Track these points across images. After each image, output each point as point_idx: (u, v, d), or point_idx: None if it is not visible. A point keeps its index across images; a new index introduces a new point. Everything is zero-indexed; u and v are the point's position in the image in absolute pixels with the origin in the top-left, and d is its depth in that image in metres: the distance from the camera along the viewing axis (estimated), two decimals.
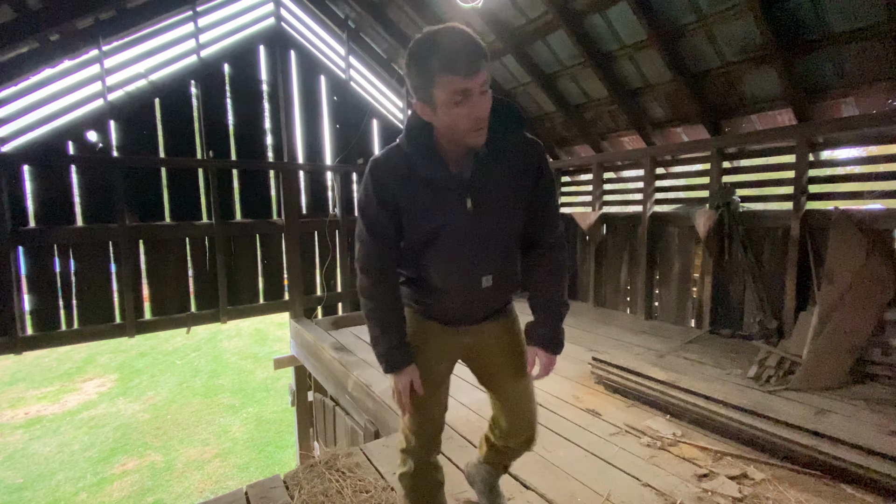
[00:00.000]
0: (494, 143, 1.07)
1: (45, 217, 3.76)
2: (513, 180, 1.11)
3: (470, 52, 0.90)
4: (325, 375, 3.80)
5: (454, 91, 0.91)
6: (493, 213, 1.11)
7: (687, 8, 3.06)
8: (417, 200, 1.10)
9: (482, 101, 0.95)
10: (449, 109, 0.95)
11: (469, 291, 1.18)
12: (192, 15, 4.30)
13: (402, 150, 1.08)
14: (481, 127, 0.97)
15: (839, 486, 1.81)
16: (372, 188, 1.10)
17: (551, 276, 1.24)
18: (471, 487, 1.70)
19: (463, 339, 1.27)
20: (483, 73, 0.92)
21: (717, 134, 3.64)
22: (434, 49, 0.90)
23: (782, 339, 3.20)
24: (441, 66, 0.90)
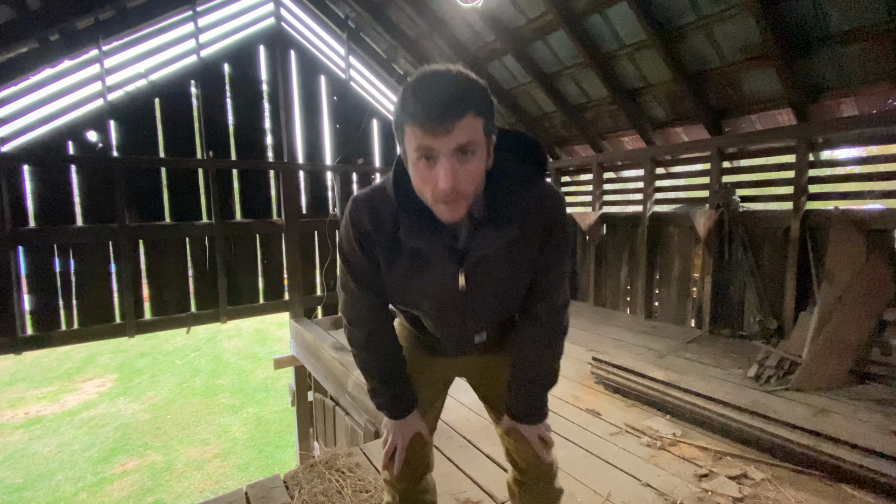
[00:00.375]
0: (498, 203, 0.86)
1: (45, 217, 3.76)
2: (519, 252, 0.92)
3: (442, 103, 0.70)
4: (325, 375, 3.80)
5: (414, 147, 0.74)
6: (490, 291, 0.95)
7: (687, 8, 3.05)
8: (399, 264, 0.93)
9: (452, 169, 0.72)
10: (412, 167, 0.78)
11: (460, 344, 1.09)
12: (192, 15, 4.30)
13: (388, 194, 0.89)
14: (448, 201, 0.76)
15: (839, 486, 1.81)
16: (352, 233, 0.94)
17: (538, 352, 1.05)
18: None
19: (456, 364, 1.19)
20: (459, 133, 0.71)
21: (717, 134, 3.64)
22: (411, 89, 0.73)
23: (782, 339, 3.20)
24: (406, 111, 0.73)
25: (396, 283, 0.96)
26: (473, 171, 0.76)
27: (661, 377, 2.69)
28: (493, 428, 2.28)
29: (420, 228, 0.86)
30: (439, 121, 0.70)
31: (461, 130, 0.71)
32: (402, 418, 1.09)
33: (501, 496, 1.79)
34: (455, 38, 4.59)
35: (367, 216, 0.91)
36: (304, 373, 5.06)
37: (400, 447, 1.09)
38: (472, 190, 0.78)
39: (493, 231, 0.86)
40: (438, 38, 4.64)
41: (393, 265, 0.94)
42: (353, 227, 0.94)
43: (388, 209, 0.89)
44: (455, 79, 0.73)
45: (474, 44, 4.55)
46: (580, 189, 5.31)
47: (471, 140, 0.73)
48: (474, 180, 0.77)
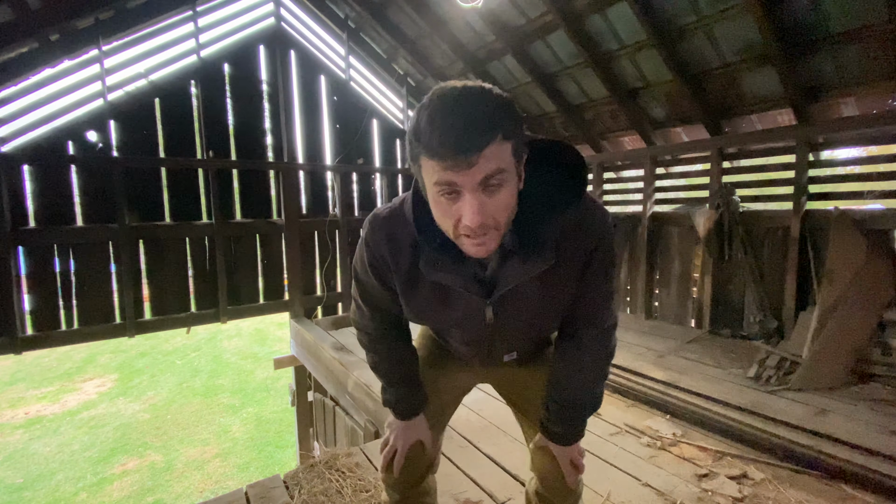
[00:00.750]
0: (529, 229, 0.76)
1: (45, 217, 3.76)
2: (556, 280, 0.82)
3: (464, 131, 0.60)
4: (325, 375, 3.80)
5: (434, 181, 0.65)
6: (522, 320, 0.89)
7: (687, 8, 3.05)
8: (419, 295, 0.86)
9: (478, 204, 0.64)
10: (432, 202, 0.70)
11: (486, 361, 1.04)
12: (192, 15, 4.30)
13: (407, 219, 0.80)
14: (475, 237, 0.67)
15: (839, 486, 1.81)
16: (366, 257, 0.88)
17: (581, 376, 0.96)
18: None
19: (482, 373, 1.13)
20: (484, 164, 0.62)
21: (717, 134, 3.64)
22: (426, 115, 0.63)
23: (782, 339, 3.20)
24: (421, 142, 0.63)
25: (416, 311, 0.90)
26: (504, 203, 0.67)
27: (661, 377, 2.69)
28: (492, 428, 2.29)
29: (442, 261, 0.78)
30: (461, 153, 0.60)
31: (487, 160, 0.62)
32: (408, 420, 1.07)
33: (501, 496, 1.79)
34: (455, 38, 4.59)
35: (384, 242, 0.84)
36: (304, 373, 5.06)
37: (400, 451, 1.06)
38: (504, 222, 0.69)
39: (523, 261, 0.77)
40: (438, 38, 4.64)
41: (412, 296, 0.87)
42: (367, 251, 0.87)
43: (408, 236, 0.81)
44: (477, 99, 0.63)
45: (474, 44, 4.55)
46: None
47: (499, 168, 0.63)
48: (505, 212, 0.68)
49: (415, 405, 1.07)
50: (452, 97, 0.63)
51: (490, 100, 0.64)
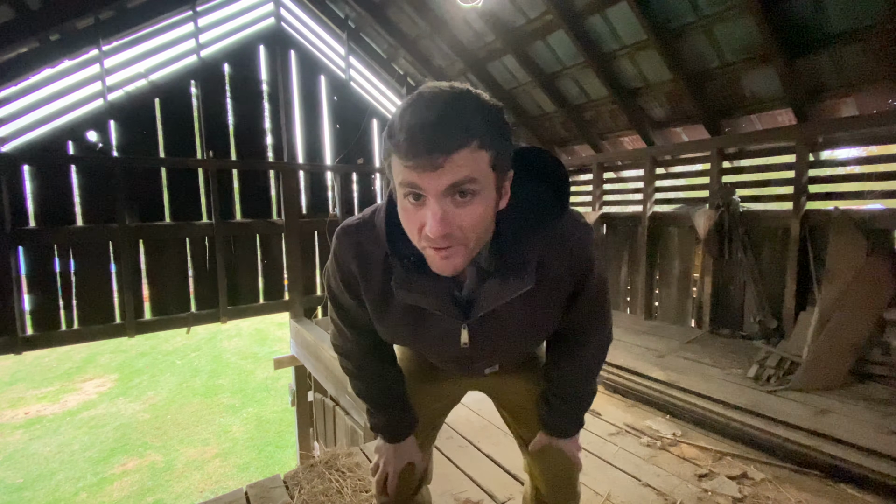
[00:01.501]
0: (507, 248, 0.71)
1: (45, 217, 3.76)
2: (539, 302, 0.77)
3: (430, 130, 0.55)
4: (325, 375, 3.80)
5: (399, 182, 0.60)
6: (502, 342, 0.84)
7: (687, 8, 3.05)
8: (391, 315, 0.81)
9: (441, 212, 0.58)
10: (400, 205, 0.64)
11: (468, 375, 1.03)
12: (192, 15, 4.30)
13: (378, 232, 0.74)
14: (437, 248, 0.61)
15: (839, 486, 1.81)
16: (336, 272, 0.84)
17: (582, 372, 0.97)
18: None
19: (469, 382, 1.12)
20: (452, 169, 0.56)
21: (717, 134, 3.64)
22: (400, 112, 0.59)
23: (782, 339, 3.20)
24: (392, 139, 0.59)
25: (388, 331, 0.86)
26: (473, 216, 0.60)
27: (661, 377, 2.69)
28: (492, 428, 2.29)
29: (415, 279, 0.72)
30: (425, 153, 0.55)
31: (455, 166, 0.56)
32: (397, 443, 1.04)
33: (501, 496, 1.79)
34: (455, 38, 4.59)
35: (352, 257, 0.78)
36: (304, 373, 5.06)
37: (392, 475, 1.03)
38: (474, 239, 0.63)
39: (502, 283, 0.71)
40: (438, 38, 4.64)
41: (384, 315, 0.81)
42: (337, 266, 0.82)
43: (378, 251, 0.75)
44: (457, 100, 0.57)
45: (474, 44, 4.55)
46: (580, 189, 5.30)
47: (469, 177, 0.57)
48: (475, 228, 0.61)
49: (404, 427, 1.03)
50: (431, 94, 0.58)
51: (472, 103, 0.58)
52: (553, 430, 1.01)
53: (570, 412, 1.00)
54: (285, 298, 4.91)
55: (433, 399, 1.11)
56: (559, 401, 0.99)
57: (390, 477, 1.03)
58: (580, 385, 0.99)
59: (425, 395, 1.09)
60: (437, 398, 1.12)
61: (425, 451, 1.13)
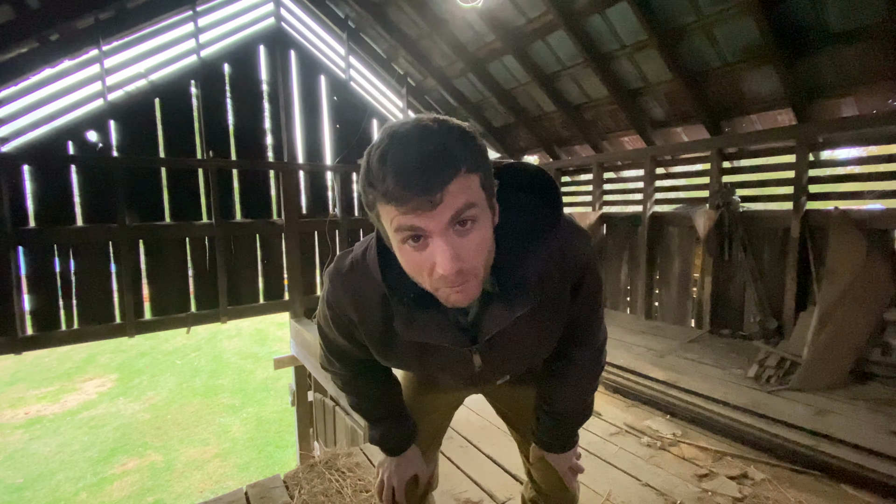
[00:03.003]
0: (507, 269, 0.69)
1: (45, 217, 3.76)
2: (544, 316, 0.76)
3: (422, 169, 0.53)
4: (324, 375, 3.80)
5: (395, 228, 0.57)
6: (511, 358, 0.83)
7: (687, 8, 3.05)
8: (395, 352, 0.80)
9: (450, 247, 0.56)
10: (398, 252, 0.62)
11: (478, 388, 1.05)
12: (192, 15, 4.30)
13: (372, 274, 0.71)
14: (453, 285, 0.59)
15: (839, 486, 1.81)
16: (329, 316, 0.82)
17: (573, 390, 0.95)
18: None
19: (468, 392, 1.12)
20: (451, 200, 0.54)
21: (717, 134, 3.64)
22: (378, 154, 0.55)
23: (782, 339, 3.20)
24: (375, 186, 0.56)
25: (395, 364, 0.85)
26: (478, 242, 0.59)
27: (661, 377, 2.69)
28: (492, 428, 2.29)
29: (420, 317, 0.70)
30: (422, 193, 0.53)
31: (453, 197, 0.54)
32: (397, 455, 1.02)
33: (501, 496, 1.79)
34: (455, 38, 4.59)
35: (349, 301, 0.76)
36: (304, 373, 5.06)
37: (397, 489, 1.01)
38: (483, 264, 0.61)
39: (507, 303, 0.69)
40: (438, 38, 4.64)
41: (388, 353, 0.80)
42: (331, 311, 0.80)
43: (375, 292, 0.73)
44: (432, 132, 0.55)
45: (474, 44, 4.55)
46: (580, 189, 5.31)
47: (468, 203, 0.56)
48: (481, 252, 0.60)
49: (404, 439, 1.01)
50: (404, 132, 0.55)
51: (447, 131, 0.56)
52: (544, 445, 1.01)
53: (561, 430, 0.98)
54: (285, 298, 4.91)
55: (436, 408, 1.11)
56: (548, 418, 0.97)
57: (396, 492, 1.02)
58: (570, 403, 0.96)
59: (428, 406, 1.08)
60: (440, 407, 1.12)
61: (431, 457, 1.12)
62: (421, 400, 1.07)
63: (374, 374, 0.97)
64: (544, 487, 1.09)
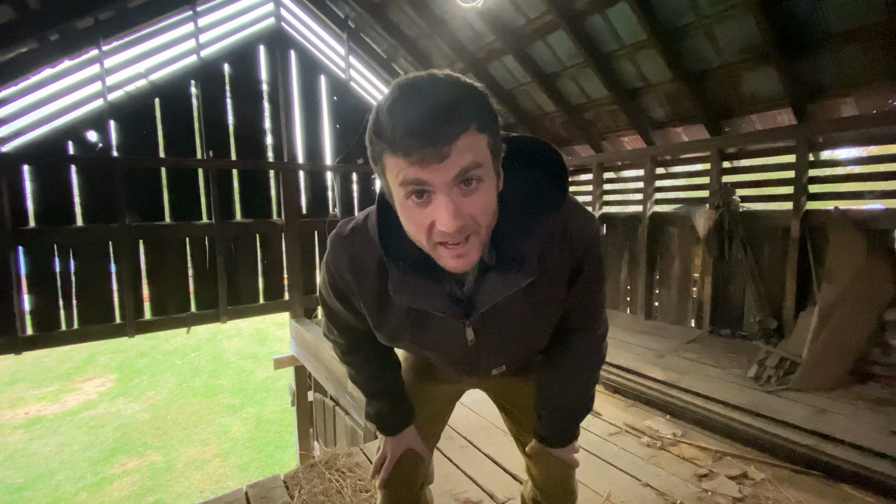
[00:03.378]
0: (508, 240, 0.68)
1: (45, 217, 3.76)
2: (542, 293, 0.75)
3: (430, 119, 0.52)
4: (325, 375, 3.80)
5: (400, 181, 0.56)
6: (507, 337, 0.82)
7: (687, 8, 3.05)
8: (390, 320, 0.79)
9: (454, 204, 0.55)
10: (400, 208, 0.61)
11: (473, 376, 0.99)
12: (192, 15, 4.30)
13: (372, 237, 0.71)
14: (453, 245, 0.59)
15: (839, 486, 1.81)
16: (329, 282, 0.82)
17: (573, 382, 0.94)
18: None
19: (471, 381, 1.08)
20: (458, 156, 0.54)
21: (717, 134, 3.64)
22: (387, 106, 0.55)
23: (782, 339, 3.20)
24: (382, 137, 0.56)
25: (388, 336, 0.84)
26: (483, 203, 0.58)
27: (661, 377, 2.69)
28: (492, 428, 2.29)
29: (414, 283, 0.69)
30: (429, 144, 0.52)
31: (460, 153, 0.54)
32: (393, 435, 1.01)
33: (501, 496, 1.79)
34: (455, 38, 4.59)
35: (346, 266, 0.76)
36: (304, 373, 5.06)
37: (390, 458, 1.02)
38: (485, 227, 0.61)
39: (504, 276, 0.68)
40: (438, 38, 4.64)
41: (382, 320, 0.80)
42: (330, 275, 0.81)
43: (373, 257, 0.73)
44: (445, 86, 0.55)
45: (474, 44, 4.55)
46: (580, 189, 5.30)
47: (475, 162, 0.55)
48: (485, 214, 0.59)
49: (399, 420, 1.01)
50: (415, 84, 0.55)
51: (460, 87, 0.56)
52: (544, 440, 1.00)
53: (561, 424, 0.98)
54: (285, 298, 4.91)
55: (435, 398, 1.10)
56: (548, 412, 0.97)
57: (388, 460, 1.01)
58: (570, 394, 0.95)
59: (427, 395, 1.08)
60: (438, 397, 1.11)
61: (429, 451, 1.11)
62: (418, 388, 1.06)
63: (372, 347, 0.95)
64: (542, 482, 1.08)
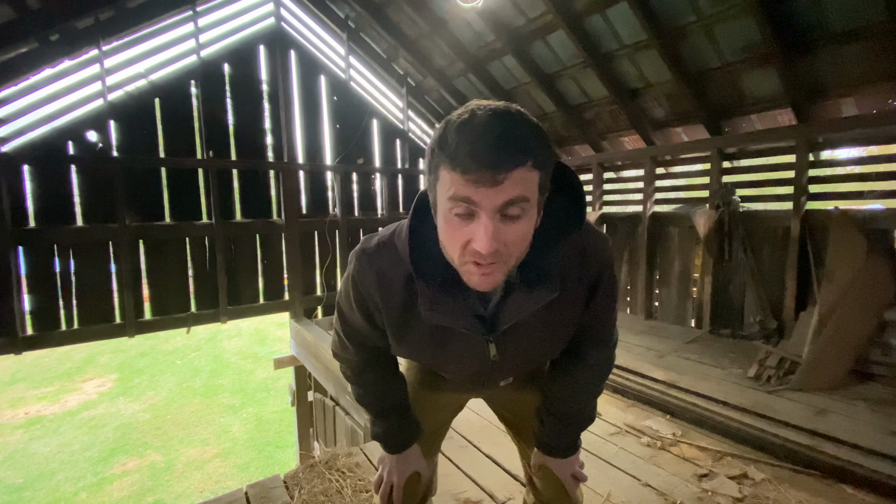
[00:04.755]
0: (533, 261, 0.71)
1: (45, 217, 3.76)
2: (560, 311, 0.79)
3: (496, 146, 0.56)
4: (325, 375, 3.80)
5: (450, 195, 0.59)
6: (523, 352, 0.84)
7: (687, 8, 3.05)
8: (412, 337, 0.81)
9: (493, 229, 0.58)
10: (442, 219, 0.63)
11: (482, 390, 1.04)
12: (192, 15, 4.29)
13: (401, 255, 0.74)
14: (481, 265, 0.62)
15: (839, 486, 1.81)
16: (353, 296, 0.83)
17: (580, 392, 0.96)
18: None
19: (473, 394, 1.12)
20: (509, 187, 0.57)
21: (717, 134, 3.64)
22: (457, 125, 0.58)
23: (782, 339, 3.20)
24: (445, 151, 0.59)
25: (408, 350, 0.86)
26: (520, 235, 0.61)
27: (661, 377, 2.69)
28: (492, 428, 2.29)
29: (443, 301, 0.72)
30: (488, 167, 0.55)
31: (513, 184, 0.57)
32: (399, 453, 1.02)
33: (501, 496, 1.79)
34: (455, 38, 4.59)
35: (374, 281, 0.78)
36: (304, 373, 5.06)
37: (396, 486, 1.01)
38: (516, 257, 0.64)
39: (528, 294, 0.72)
40: (438, 38, 4.64)
41: (404, 336, 0.82)
42: (355, 290, 0.81)
43: (401, 272, 0.75)
44: (514, 120, 0.58)
45: (474, 44, 4.55)
46: None
47: (522, 196, 0.58)
48: (520, 245, 0.62)
49: (406, 437, 1.02)
50: (488, 112, 0.58)
51: (526, 124, 0.60)
52: (546, 448, 1.00)
53: (564, 433, 0.98)
54: (285, 298, 4.91)
55: (439, 409, 1.11)
56: (553, 419, 0.98)
57: (395, 489, 1.01)
58: (577, 403, 0.97)
59: (431, 405, 1.08)
60: (442, 408, 1.12)
61: (430, 461, 1.11)
62: (425, 399, 1.07)
63: (384, 365, 0.99)
64: (546, 495, 1.08)
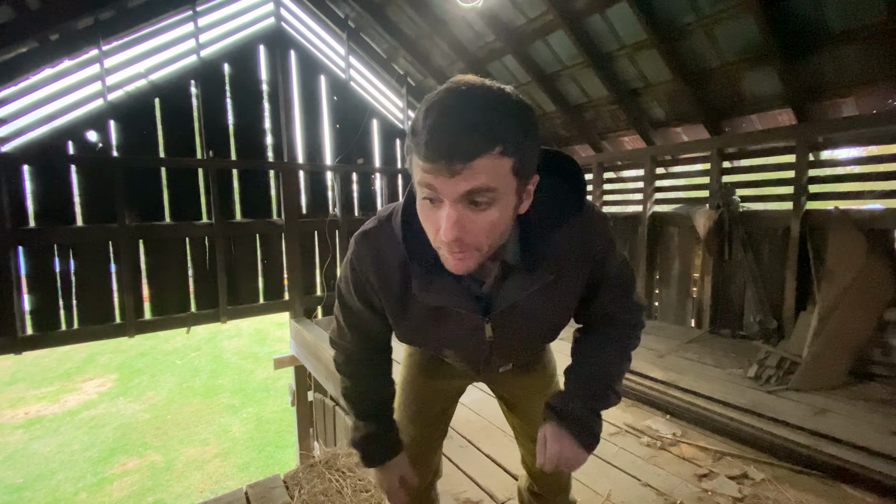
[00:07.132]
0: (532, 244, 0.72)
1: (45, 217, 3.76)
2: (558, 292, 0.78)
3: (453, 138, 0.54)
4: (325, 375, 3.80)
5: (418, 181, 0.59)
6: (522, 334, 0.84)
7: (687, 8, 3.05)
8: (410, 317, 0.81)
9: (456, 218, 0.57)
10: (418, 203, 0.64)
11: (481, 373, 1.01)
12: (192, 15, 4.29)
13: (396, 235, 0.74)
14: (453, 251, 0.61)
15: (839, 486, 1.81)
16: (351, 279, 0.83)
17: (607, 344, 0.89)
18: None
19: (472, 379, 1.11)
20: (469, 176, 0.54)
21: (717, 134, 3.64)
22: (424, 108, 0.57)
23: (782, 339, 3.20)
24: (414, 137, 0.58)
25: (408, 332, 0.86)
26: (488, 224, 0.59)
27: (661, 377, 2.69)
28: (492, 428, 2.29)
29: (435, 280, 0.72)
30: (443, 157, 0.53)
31: (473, 173, 0.54)
32: (376, 466, 0.99)
33: (501, 496, 1.79)
34: (455, 38, 4.59)
35: (370, 264, 0.78)
36: (304, 373, 5.06)
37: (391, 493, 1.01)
38: (487, 244, 0.62)
39: (524, 277, 0.72)
40: (438, 38, 4.64)
41: (402, 317, 0.82)
42: (353, 273, 0.82)
43: (396, 254, 0.75)
44: (483, 102, 0.55)
45: (474, 44, 4.55)
46: None
47: (487, 186, 0.56)
48: (488, 234, 0.61)
49: (384, 448, 0.99)
50: (457, 94, 0.55)
51: (500, 105, 0.56)
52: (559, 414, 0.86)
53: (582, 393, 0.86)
54: (285, 298, 4.91)
55: (441, 394, 1.11)
56: (573, 376, 0.89)
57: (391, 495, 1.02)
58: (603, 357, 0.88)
59: (434, 389, 1.09)
60: (445, 392, 1.13)
61: (438, 444, 1.14)
62: (424, 384, 1.08)
63: (377, 362, 0.98)
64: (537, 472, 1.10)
